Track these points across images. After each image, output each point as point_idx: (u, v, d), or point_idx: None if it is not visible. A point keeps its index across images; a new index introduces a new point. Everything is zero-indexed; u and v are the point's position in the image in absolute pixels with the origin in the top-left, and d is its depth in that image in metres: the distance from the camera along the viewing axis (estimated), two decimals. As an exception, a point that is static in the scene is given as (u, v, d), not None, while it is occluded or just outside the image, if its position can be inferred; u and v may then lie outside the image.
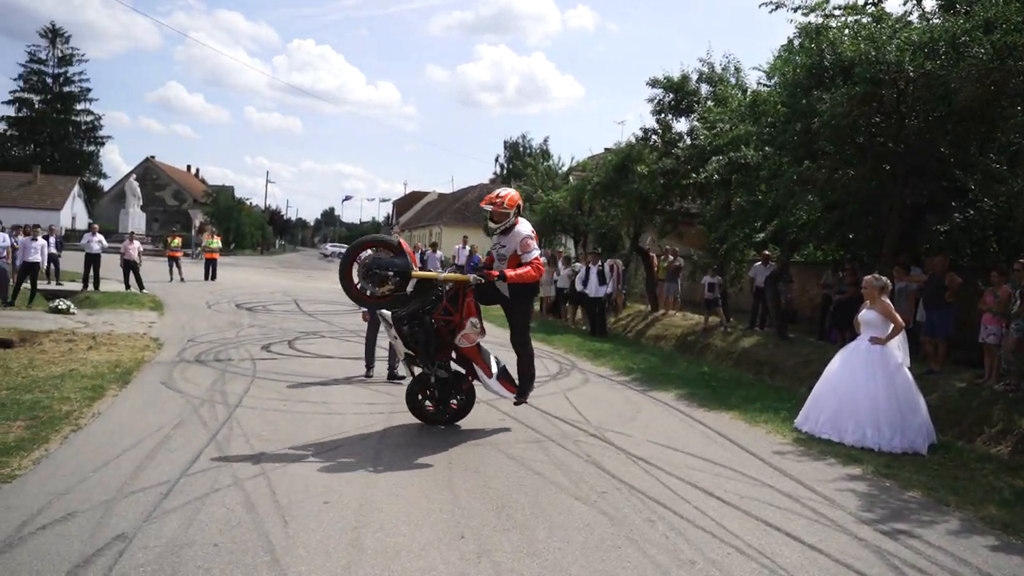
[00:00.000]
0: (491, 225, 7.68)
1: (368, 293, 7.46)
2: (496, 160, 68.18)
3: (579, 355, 14.28)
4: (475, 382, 8.08)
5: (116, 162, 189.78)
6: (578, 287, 18.37)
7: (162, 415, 7.79)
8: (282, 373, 10.53)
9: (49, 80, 75.65)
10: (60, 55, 75.65)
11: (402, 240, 7.74)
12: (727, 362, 14.14)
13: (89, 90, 77.37)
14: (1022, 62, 9.50)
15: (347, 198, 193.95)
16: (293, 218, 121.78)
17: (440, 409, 8.07)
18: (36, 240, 17.63)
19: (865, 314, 8.60)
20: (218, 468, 6.16)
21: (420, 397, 8.03)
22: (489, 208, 7.63)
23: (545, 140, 67.79)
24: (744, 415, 9.39)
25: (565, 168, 35.20)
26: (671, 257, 18.69)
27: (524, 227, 7.63)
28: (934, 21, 11.47)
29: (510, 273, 7.33)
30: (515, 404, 8.16)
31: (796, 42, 13.40)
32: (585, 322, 18.85)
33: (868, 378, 8.23)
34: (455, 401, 8.10)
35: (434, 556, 4.66)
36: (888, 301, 8.57)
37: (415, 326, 7.44)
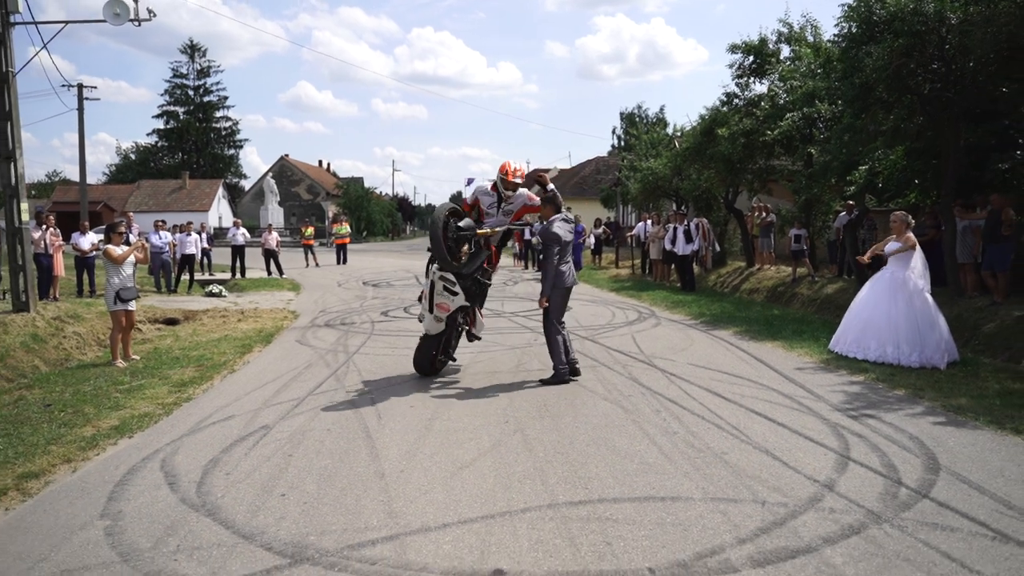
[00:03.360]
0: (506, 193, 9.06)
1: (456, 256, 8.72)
2: (613, 132, 68.99)
3: (661, 306, 15.59)
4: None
5: (256, 163, 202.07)
6: (667, 246, 19.56)
7: (296, 361, 9.83)
8: (395, 331, 12.46)
9: (191, 92, 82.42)
10: (199, 68, 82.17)
11: (466, 202, 9.30)
12: (810, 308, 15.06)
13: (226, 98, 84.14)
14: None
15: (469, 181, 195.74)
16: (423, 203, 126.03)
17: (446, 359, 9.12)
18: (190, 235, 20.50)
19: (891, 245, 9.59)
20: (335, 391, 8.08)
21: (435, 354, 8.79)
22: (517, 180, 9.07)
23: (661, 109, 67.90)
24: (786, 343, 10.56)
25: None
26: (763, 214, 19.48)
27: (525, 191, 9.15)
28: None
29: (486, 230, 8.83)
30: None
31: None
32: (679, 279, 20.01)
33: (890, 301, 9.26)
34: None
35: (482, 432, 6.34)
36: (911, 235, 9.53)
37: (482, 279, 8.91)
